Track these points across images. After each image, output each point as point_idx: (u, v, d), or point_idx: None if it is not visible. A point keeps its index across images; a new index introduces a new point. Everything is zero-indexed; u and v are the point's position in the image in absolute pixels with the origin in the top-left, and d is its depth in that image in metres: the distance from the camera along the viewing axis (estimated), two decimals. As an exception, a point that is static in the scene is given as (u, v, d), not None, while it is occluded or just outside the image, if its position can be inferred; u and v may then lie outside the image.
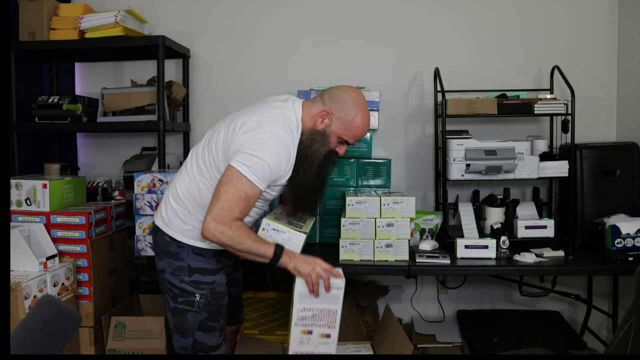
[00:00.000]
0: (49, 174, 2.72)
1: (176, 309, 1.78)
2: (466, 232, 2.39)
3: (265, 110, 1.74)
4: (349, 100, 1.75)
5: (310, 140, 1.73)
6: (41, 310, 1.23)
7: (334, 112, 1.74)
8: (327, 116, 1.74)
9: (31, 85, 2.90)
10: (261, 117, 1.69)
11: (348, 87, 1.81)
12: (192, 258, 1.77)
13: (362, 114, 1.75)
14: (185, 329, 1.78)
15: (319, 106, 1.76)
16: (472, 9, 2.90)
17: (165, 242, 1.80)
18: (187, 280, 1.76)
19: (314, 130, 1.74)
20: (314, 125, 1.74)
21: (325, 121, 1.74)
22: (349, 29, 2.94)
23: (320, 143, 1.74)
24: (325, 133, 1.74)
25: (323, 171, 1.78)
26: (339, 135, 1.76)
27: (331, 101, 1.75)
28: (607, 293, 2.85)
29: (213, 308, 1.78)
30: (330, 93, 1.78)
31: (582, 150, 2.50)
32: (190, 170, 1.78)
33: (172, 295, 1.78)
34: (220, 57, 3.01)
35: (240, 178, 1.61)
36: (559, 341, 2.46)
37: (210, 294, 1.77)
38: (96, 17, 2.65)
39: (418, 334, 2.68)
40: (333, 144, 1.77)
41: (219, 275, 1.81)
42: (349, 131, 1.76)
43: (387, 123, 2.87)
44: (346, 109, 1.74)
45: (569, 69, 2.65)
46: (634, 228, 2.22)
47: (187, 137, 2.99)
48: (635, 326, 1.39)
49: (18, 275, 2.01)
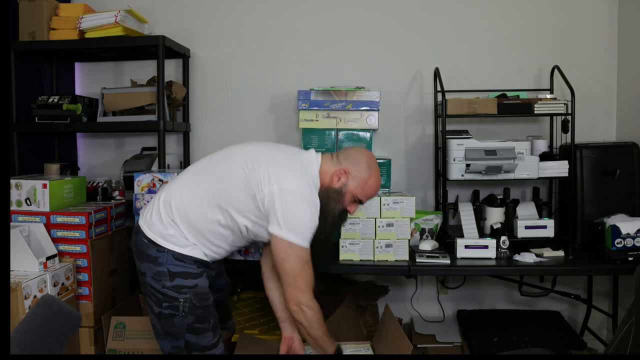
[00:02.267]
0: (49, 174, 2.71)
1: (162, 314, 1.75)
2: (466, 232, 2.39)
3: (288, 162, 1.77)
4: (364, 161, 1.82)
5: (326, 198, 1.77)
6: (41, 310, 1.23)
7: (351, 171, 1.79)
8: (344, 175, 1.79)
9: (31, 85, 2.90)
10: (284, 170, 1.73)
11: (362, 148, 1.92)
12: (172, 263, 1.74)
13: (376, 174, 1.83)
14: (174, 332, 1.76)
15: (335, 164, 1.81)
16: (472, 9, 2.90)
17: (145, 244, 1.77)
18: (169, 285, 1.73)
19: (330, 188, 1.79)
20: (330, 182, 1.79)
21: (342, 179, 1.79)
22: (349, 29, 2.94)
23: (336, 201, 1.78)
24: (341, 191, 1.79)
25: (334, 229, 1.83)
26: (354, 194, 1.81)
27: (347, 161, 1.81)
28: (607, 293, 2.85)
29: (199, 310, 1.76)
30: (345, 153, 1.84)
31: (582, 150, 2.50)
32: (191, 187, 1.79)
33: (156, 299, 1.76)
34: (220, 57, 3.01)
35: (293, 248, 1.67)
36: (559, 341, 2.46)
37: (195, 297, 1.74)
38: (96, 17, 2.65)
39: (418, 334, 2.68)
40: (347, 203, 1.82)
41: (201, 278, 1.78)
42: (363, 190, 1.81)
43: (387, 123, 2.87)
44: (362, 169, 1.80)
45: (569, 69, 2.65)
46: (634, 228, 2.22)
47: (187, 137, 2.99)
48: (635, 326, 1.39)
49: (18, 275, 2.01)
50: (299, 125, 2.58)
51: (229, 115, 3.01)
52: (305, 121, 2.56)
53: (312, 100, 2.55)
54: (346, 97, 2.55)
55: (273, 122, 2.97)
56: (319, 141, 2.58)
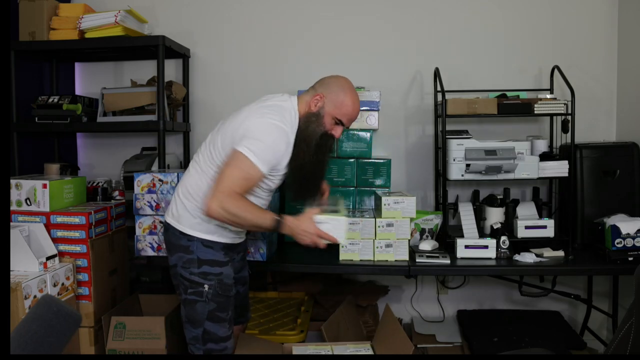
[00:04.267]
0: (49, 174, 2.71)
1: (186, 300, 1.85)
2: (466, 232, 2.39)
3: (266, 106, 1.85)
4: (338, 84, 1.89)
5: (305, 123, 1.85)
6: (41, 310, 1.23)
7: (326, 94, 1.86)
8: (320, 99, 1.86)
9: (31, 85, 2.90)
10: (264, 111, 1.81)
11: (337, 75, 1.95)
12: (202, 250, 1.84)
13: (350, 94, 1.88)
14: (195, 319, 1.84)
15: (311, 93, 1.89)
16: (472, 9, 2.90)
17: (176, 237, 1.87)
18: (196, 272, 1.83)
19: (309, 112, 1.86)
20: (309, 109, 1.86)
21: (319, 104, 1.86)
22: (349, 29, 2.94)
23: (316, 124, 1.85)
24: (319, 114, 1.85)
25: (321, 151, 1.87)
26: (333, 116, 1.87)
27: (322, 87, 1.89)
28: (607, 293, 2.85)
29: (221, 298, 1.85)
30: (320, 81, 1.92)
31: (582, 150, 2.50)
32: (198, 166, 1.87)
33: (183, 287, 1.86)
34: (220, 57, 3.01)
35: (244, 160, 1.71)
36: (559, 341, 2.46)
37: (219, 285, 1.84)
38: (96, 17, 2.65)
39: (418, 334, 2.68)
40: (328, 125, 1.87)
41: (226, 267, 1.88)
42: (341, 110, 1.86)
43: (387, 123, 2.87)
44: (335, 91, 1.87)
45: (569, 69, 2.66)
46: (634, 228, 2.22)
47: (187, 137, 2.99)
48: (635, 326, 1.39)
49: (18, 275, 2.01)
50: (299, 125, 2.57)
51: (228, 115, 2.99)
52: (305, 121, 2.55)
53: (312, 100, 2.54)
54: (346, 97, 2.54)
55: (273, 122, 2.97)
56: (319, 141, 2.57)
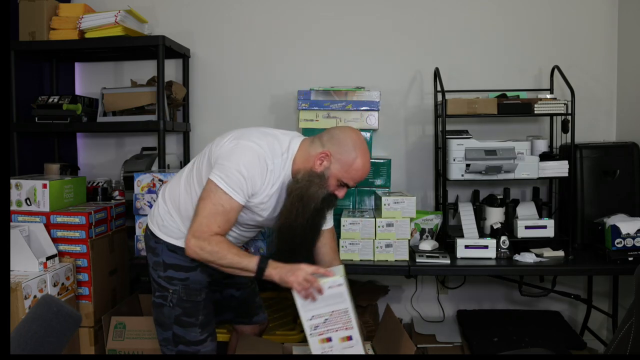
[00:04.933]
0: (49, 174, 2.71)
1: (155, 303, 1.83)
2: (466, 232, 2.39)
3: (253, 130, 1.72)
4: (349, 141, 1.68)
5: (307, 182, 1.66)
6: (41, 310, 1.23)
7: (334, 153, 1.66)
8: (326, 158, 1.67)
9: (31, 85, 2.90)
10: (244, 133, 1.69)
11: (348, 128, 1.76)
12: (167, 254, 1.79)
13: (362, 155, 1.68)
14: (163, 322, 1.81)
15: (317, 147, 1.69)
16: (472, 9, 2.90)
17: (147, 236, 1.86)
18: (162, 276, 1.79)
19: (312, 172, 1.67)
20: (312, 166, 1.67)
21: (324, 163, 1.67)
22: (349, 29, 2.94)
23: (319, 185, 1.67)
24: (323, 175, 1.67)
25: (319, 215, 1.72)
26: (338, 178, 1.68)
27: (330, 143, 1.68)
28: (607, 293, 2.85)
29: (187, 304, 1.78)
30: (329, 134, 1.71)
31: (582, 150, 2.50)
32: (184, 178, 1.81)
33: (153, 288, 1.84)
34: (220, 57, 3.01)
35: (216, 191, 1.60)
36: (559, 341, 2.46)
37: (183, 290, 1.78)
38: (96, 17, 2.65)
39: (418, 334, 2.68)
40: (332, 187, 1.70)
41: (193, 272, 1.79)
42: (348, 173, 1.68)
43: (387, 123, 2.87)
44: (346, 151, 1.66)
45: (569, 69, 2.65)
46: (634, 228, 2.22)
47: (187, 137, 2.99)
48: (635, 326, 1.39)
49: (18, 275, 2.01)
50: (299, 125, 2.58)
51: (229, 115, 3.01)
52: (305, 121, 2.56)
53: (312, 100, 2.55)
54: (346, 97, 2.55)
55: (273, 122, 2.97)
56: (319, 141, 2.57)
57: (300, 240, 1.73)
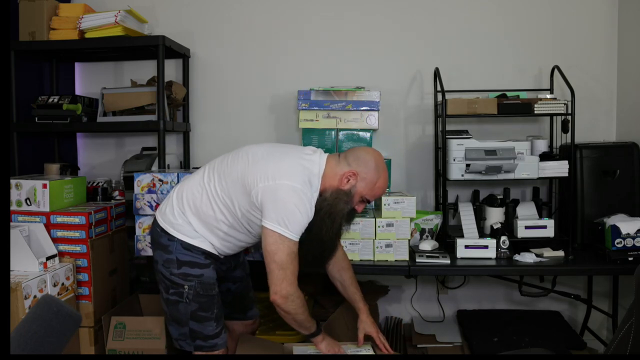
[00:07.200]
0: (49, 174, 2.71)
1: (169, 300, 1.86)
2: (466, 232, 2.39)
3: (286, 160, 1.80)
4: (373, 162, 1.83)
5: (335, 199, 1.80)
6: (41, 310, 1.23)
7: (360, 173, 1.81)
8: (353, 177, 1.81)
9: (31, 85, 2.90)
10: (280, 168, 1.76)
11: (371, 149, 1.93)
12: (181, 252, 1.83)
13: (384, 175, 1.86)
14: (179, 319, 1.85)
15: (344, 167, 1.82)
16: (473, 9, 2.90)
17: (158, 233, 1.88)
18: (176, 273, 1.83)
19: (339, 190, 1.81)
20: (339, 185, 1.81)
21: (351, 181, 1.81)
22: (349, 29, 2.94)
23: (345, 202, 1.81)
24: (350, 193, 1.81)
25: (342, 228, 1.87)
26: (362, 195, 1.84)
27: (356, 163, 1.82)
28: (607, 293, 2.85)
29: (203, 299, 1.84)
30: (354, 155, 1.85)
31: (582, 150, 2.50)
32: (205, 183, 1.85)
33: (164, 286, 1.86)
34: (220, 57, 3.01)
35: (283, 241, 1.70)
36: (559, 341, 2.46)
37: (199, 285, 1.83)
38: (96, 17, 2.65)
39: (418, 334, 2.67)
40: (355, 203, 1.85)
41: (207, 269, 1.86)
42: (372, 191, 1.84)
43: (387, 123, 2.87)
44: (371, 171, 1.82)
45: (569, 69, 2.65)
46: (634, 228, 2.22)
47: (187, 137, 2.99)
48: (635, 326, 1.39)
49: (18, 275, 2.01)
50: (299, 125, 2.58)
51: (229, 115, 3.01)
52: (305, 121, 2.56)
53: (312, 100, 2.55)
54: (346, 97, 2.55)
55: (273, 122, 2.97)
56: (319, 141, 2.58)
57: (327, 253, 1.90)
